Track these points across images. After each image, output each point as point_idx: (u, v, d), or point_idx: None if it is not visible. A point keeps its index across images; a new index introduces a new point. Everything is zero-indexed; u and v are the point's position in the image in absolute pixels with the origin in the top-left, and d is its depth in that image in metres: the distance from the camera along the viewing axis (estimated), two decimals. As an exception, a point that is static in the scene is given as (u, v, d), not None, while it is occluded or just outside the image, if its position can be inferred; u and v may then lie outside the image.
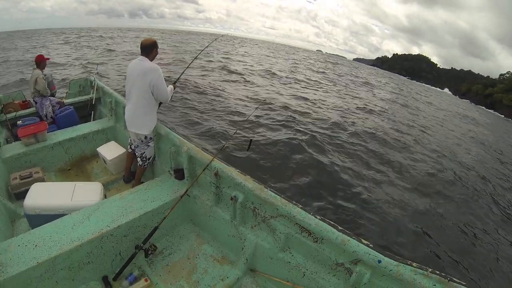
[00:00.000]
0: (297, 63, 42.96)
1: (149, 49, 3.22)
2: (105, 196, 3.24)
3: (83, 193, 3.12)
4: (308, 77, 26.42)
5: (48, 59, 5.44)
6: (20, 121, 4.78)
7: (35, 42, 35.66)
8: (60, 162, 4.30)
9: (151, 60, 3.26)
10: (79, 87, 6.67)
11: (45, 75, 5.28)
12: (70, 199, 3.00)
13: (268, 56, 46.44)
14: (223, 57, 28.15)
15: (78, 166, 4.38)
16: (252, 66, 26.86)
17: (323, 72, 36.93)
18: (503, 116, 65.92)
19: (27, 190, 3.06)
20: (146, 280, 2.54)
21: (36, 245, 2.36)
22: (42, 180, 3.62)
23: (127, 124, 3.40)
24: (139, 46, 3.24)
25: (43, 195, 3.01)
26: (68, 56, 21.64)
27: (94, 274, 2.55)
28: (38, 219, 2.81)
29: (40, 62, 5.18)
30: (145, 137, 3.44)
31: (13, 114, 5.29)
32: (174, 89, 3.62)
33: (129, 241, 2.71)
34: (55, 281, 2.33)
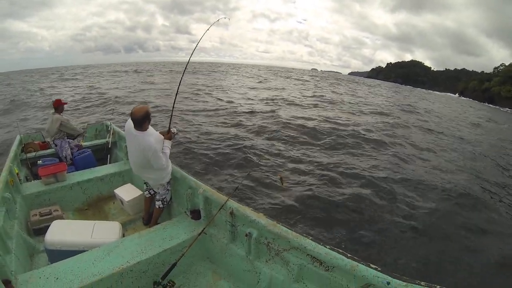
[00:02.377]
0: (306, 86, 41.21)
1: (141, 122, 3.16)
2: (123, 235, 3.32)
3: (103, 231, 3.21)
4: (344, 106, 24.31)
5: (66, 103, 5.75)
6: (40, 161, 4.98)
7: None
8: (78, 202, 4.41)
9: (146, 129, 3.25)
10: (96, 131, 6.97)
11: (66, 119, 5.57)
12: (90, 236, 3.09)
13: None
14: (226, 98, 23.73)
15: (95, 206, 4.47)
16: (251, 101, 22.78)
17: (355, 94, 35.03)
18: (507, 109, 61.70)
19: (46, 227, 3.18)
20: None
21: (57, 278, 2.43)
22: (61, 218, 3.70)
23: (143, 177, 3.63)
24: (130, 116, 3.16)
25: (63, 231, 3.11)
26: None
27: None
28: (58, 254, 2.88)
29: (58, 106, 5.50)
30: (167, 183, 3.62)
31: (33, 153, 5.51)
32: (171, 138, 3.55)
33: (148, 277, 2.75)
34: None
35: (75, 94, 24.26)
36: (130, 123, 3.26)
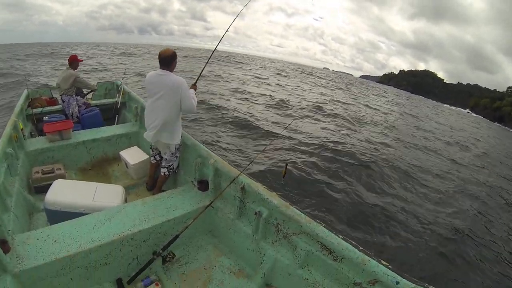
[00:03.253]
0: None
1: (169, 61, 3.15)
2: (125, 200, 3.20)
3: (105, 194, 3.09)
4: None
5: (81, 60, 5.57)
6: (47, 117, 4.85)
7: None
8: (82, 162, 4.31)
9: (172, 71, 3.21)
10: (105, 89, 6.79)
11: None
12: (91, 199, 2.97)
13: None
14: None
15: (99, 167, 4.37)
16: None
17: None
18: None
19: (47, 185, 3.06)
20: (157, 285, 2.48)
21: (55, 241, 2.34)
22: (63, 176, 3.60)
23: (154, 136, 3.32)
24: (158, 58, 3.16)
25: (65, 192, 2.98)
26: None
27: (109, 276, 2.50)
28: (58, 215, 2.78)
29: (73, 62, 5.33)
30: (175, 148, 3.43)
31: (40, 109, 5.40)
32: (196, 92, 3.53)
33: (148, 246, 2.66)
34: (70, 278, 2.29)
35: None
36: (151, 74, 3.21)
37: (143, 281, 2.48)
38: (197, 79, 3.67)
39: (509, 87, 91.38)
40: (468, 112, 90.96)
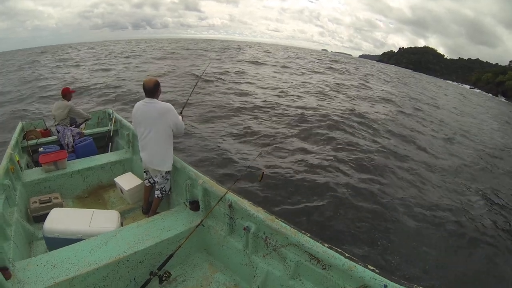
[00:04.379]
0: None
1: (153, 90, 3.30)
2: (121, 224, 3.32)
3: (101, 220, 3.21)
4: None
5: (74, 91, 5.74)
6: (42, 148, 4.98)
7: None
8: (78, 190, 4.42)
9: (157, 99, 3.37)
10: (98, 118, 6.94)
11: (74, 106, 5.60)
12: (88, 225, 3.09)
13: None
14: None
15: (95, 194, 4.48)
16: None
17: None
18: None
19: (45, 214, 3.18)
20: None
21: (54, 266, 2.44)
22: (60, 205, 3.71)
23: (147, 163, 3.53)
24: (143, 88, 3.30)
25: (62, 219, 3.11)
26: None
27: None
28: (56, 242, 2.89)
29: (66, 94, 5.51)
30: (166, 172, 3.58)
31: (35, 141, 5.52)
32: (182, 118, 3.68)
33: (144, 267, 2.76)
34: None
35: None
36: (138, 104, 3.39)
37: None
38: (183, 108, 3.85)
39: (511, 61, 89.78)
40: (470, 88, 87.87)
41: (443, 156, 11.05)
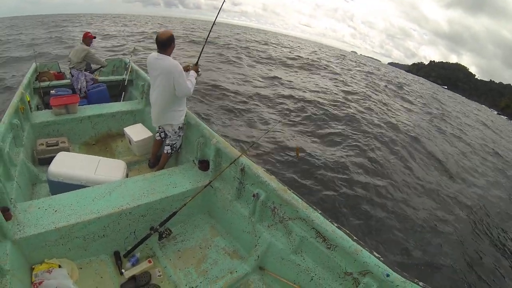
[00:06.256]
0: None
1: (166, 44, 3.08)
2: (127, 175, 3.24)
3: (107, 168, 3.13)
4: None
5: (95, 37, 5.57)
6: (54, 91, 4.87)
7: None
8: (86, 136, 4.35)
9: (169, 55, 3.14)
10: (113, 66, 6.80)
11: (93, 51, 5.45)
12: (93, 173, 3.02)
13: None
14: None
15: (102, 142, 4.41)
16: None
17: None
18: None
19: (51, 157, 3.12)
20: (149, 262, 2.54)
21: (56, 211, 2.39)
22: (67, 150, 3.65)
23: (156, 118, 3.37)
24: (155, 40, 3.09)
25: (68, 164, 3.03)
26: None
27: (106, 248, 2.57)
28: (60, 186, 2.84)
29: (86, 38, 5.35)
30: (178, 127, 3.43)
31: (47, 83, 5.43)
32: (198, 72, 3.45)
33: (146, 221, 2.70)
34: (68, 248, 2.35)
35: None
36: (150, 56, 3.19)
37: (130, 260, 2.53)
38: (198, 58, 3.55)
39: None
40: (497, 114, 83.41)
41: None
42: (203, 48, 3.71)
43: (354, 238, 2.01)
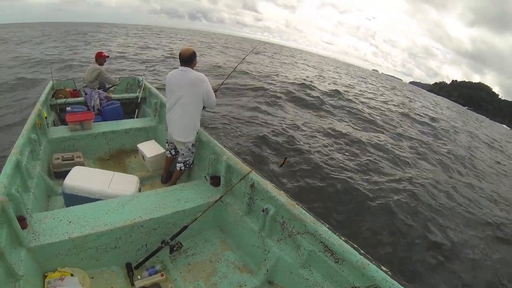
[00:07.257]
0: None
1: (190, 59, 3.26)
2: (140, 190, 3.29)
3: (120, 183, 3.19)
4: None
5: (108, 56, 5.74)
6: (69, 108, 5.03)
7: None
8: (101, 151, 4.45)
9: (192, 69, 3.31)
10: (127, 84, 6.98)
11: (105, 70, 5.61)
12: (107, 186, 3.08)
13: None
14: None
15: (116, 158, 4.50)
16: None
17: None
18: None
19: (66, 171, 3.19)
20: (162, 275, 2.54)
21: (70, 221, 2.46)
22: (82, 164, 3.73)
23: (173, 133, 3.43)
24: (179, 56, 3.29)
25: (82, 178, 3.11)
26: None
27: (118, 260, 2.60)
28: (74, 199, 2.91)
29: (99, 58, 5.51)
30: (192, 144, 3.50)
31: (63, 100, 5.60)
32: (216, 95, 3.58)
33: (157, 235, 2.74)
34: (81, 257, 2.40)
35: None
36: (172, 72, 3.35)
37: (148, 270, 2.56)
38: (219, 85, 3.73)
39: None
40: None
41: None
42: (227, 77, 4.00)
43: (361, 251, 2.02)
